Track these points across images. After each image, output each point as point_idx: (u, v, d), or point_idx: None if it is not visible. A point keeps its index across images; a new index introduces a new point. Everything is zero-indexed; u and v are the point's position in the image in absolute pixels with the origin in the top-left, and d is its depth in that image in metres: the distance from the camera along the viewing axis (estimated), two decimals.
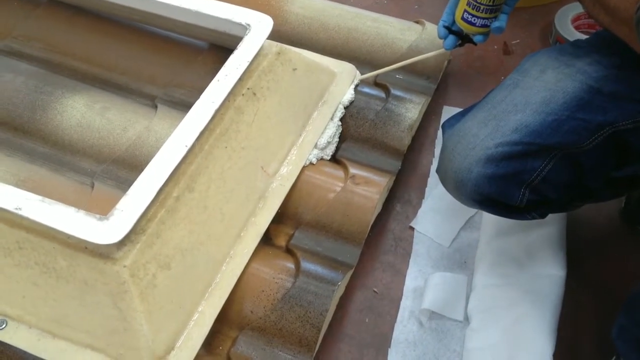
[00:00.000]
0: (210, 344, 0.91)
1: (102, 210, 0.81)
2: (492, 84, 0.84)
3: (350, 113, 1.13)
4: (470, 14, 0.95)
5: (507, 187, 0.83)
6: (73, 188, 1.03)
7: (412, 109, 1.14)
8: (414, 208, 1.14)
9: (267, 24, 1.02)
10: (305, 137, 1.07)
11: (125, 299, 0.80)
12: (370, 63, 1.23)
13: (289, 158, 1.05)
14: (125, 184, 0.90)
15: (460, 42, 1.02)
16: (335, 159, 1.10)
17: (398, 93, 1.17)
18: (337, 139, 1.11)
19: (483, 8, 0.93)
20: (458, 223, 1.11)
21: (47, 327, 0.86)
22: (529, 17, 1.46)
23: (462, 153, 0.84)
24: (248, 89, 0.98)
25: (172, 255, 0.85)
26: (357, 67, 1.18)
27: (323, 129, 1.09)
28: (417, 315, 1.01)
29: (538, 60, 0.88)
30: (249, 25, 1.01)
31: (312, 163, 1.06)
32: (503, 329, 0.95)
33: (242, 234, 0.95)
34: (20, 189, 0.82)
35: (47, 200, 0.81)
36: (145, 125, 1.09)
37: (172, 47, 1.21)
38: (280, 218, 1.02)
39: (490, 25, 0.95)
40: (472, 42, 1.01)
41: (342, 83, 1.14)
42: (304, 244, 0.99)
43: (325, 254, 0.98)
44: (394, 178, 1.11)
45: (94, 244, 0.78)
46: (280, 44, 1.06)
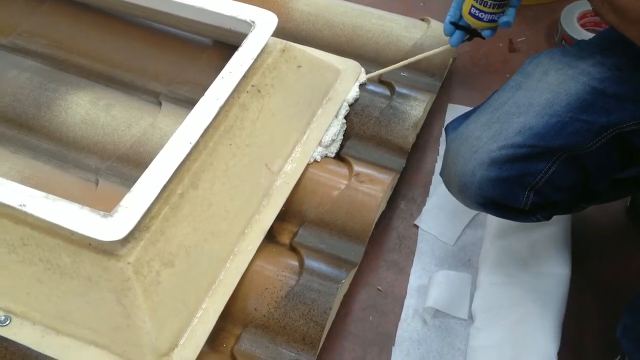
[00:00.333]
0: (214, 341, 0.91)
1: (106, 207, 0.81)
2: (497, 82, 0.84)
3: (355, 111, 1.13)
4: (478, 9, 0.94)
5: (511, 189, 0.83)
6: (77, 185, 1.03)
7: (416, 107, 1.14)
8: (418, 206, 1.14)
9: (271, 21, 1.01)
10: (310, 134, 1.07)
11: (129, 296, 0.80)
12: (375, 61, 1.22)
13: (293, 155, 1.04)
14: (130, 181, 0.90)
15: (468, 37, 1.02)
16: (340, 157, 1.10)
17: (403, 91, 1.16)
18: (341, 137, 1.11)
19: (490, 3, 0.92)
20: (462, 221, 1.11)
21: (51, 323, 0.86)
22: (535, 14, 1.45)
23: (465, 156, 0.84)
24: (252, 86, 0.98)
25: (175, 253, 0.85)
26: (362, 64, 1.18)
27: (327, 127, 1.09)
28: (421, 314, 1.01)
29: (541, 62, 0.88)
30: (254, 23, 1.01)
31: (316, 161, 1.06)
32: (507, 328, 0.94)
33: (246, 232, 0.95)
34: (25, 186, 0.82)
35: (51, 197, 0.81)
36: (150, 122, 1.09)
37: (176, 44, 1.21)
38: (284, 216, 1.02)
39: (498, 20, 0.95)
40: (480, 36, 1.01)
41: (346, 80, 1.14)
42: (308, 242, 0.99)
43: (329, 252, 0.98)
44: (399, 176, 1.11)
45: (98, 241, 0.78)
46: (285, 41, 1.06)
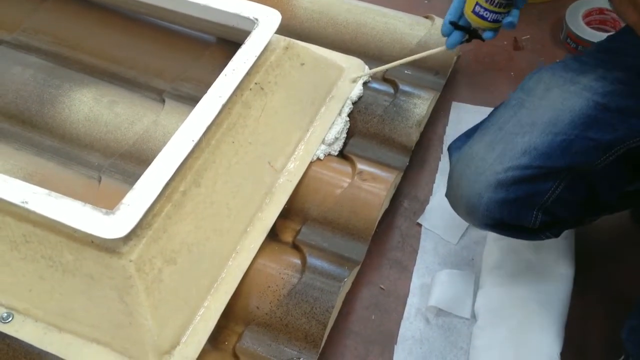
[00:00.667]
0: (216, 339, 0.91)
1: (109, 205, 0.81)
2: (501, 80, 0.83)
3: (358, 108, 1.13)
4: (483, 7, 0.89)
5: (519, 210, 0.82)
6: (80, 182, 1.03)
7: (420, 105, 1.14)
8: (422, 205, 1.14)
9: (275, 19, 1.01)
10: (313, 132, 1.07)
11: (131, 294, 0.80)
12: (379, 58, 1.22)
13: (296, 153, 1.04)
14: (133, 178, 0.90)
15: (467, 37, 0.97)
16: (343, 155, 1.09)
17: (406, 89, 1.16)
18: (344, 135, 1.11)
19: (497, 1, 0.88)
20: None
21: (53, 320, 0.86)
22: (540, 12, 1.45)
23: (471, 178, 0.83)
24: (256, 84, 0.98)
25: (178, 250, 0.84)
26: (365, 62, 1.17)
27: (331, 125, 1.08)
28: (423, 313, 1.00)
29: (542, 78, 0.87)
30: (257, 20, 1.01)
31: (319, 159, 1.06)
32: (510, 327, 0.94)
33: (248, 229, 0.95)
34: (28, 183, 0.82)
35: (53, 194, 0.81)
36: (153, 120, 1.09)
37: (179, 41, 1.21)
38: (287, 214, 1.02)
39: (502, 21, 0.90)
40: (480, 37, 0.96)
41: (350, 78, 1.13)
42: (311, 240, 0.99)
43: (332, 250, 0.98)
44: (402, 174, 1.11)
45: (100, 238, 0.78)
46: (289, 39, 1.06)
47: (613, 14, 1.37)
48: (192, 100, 1.04)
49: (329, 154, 1.08)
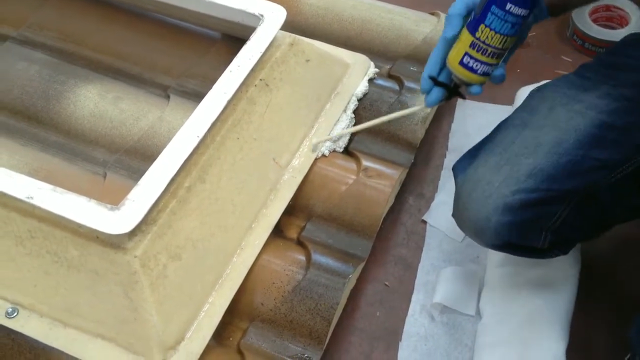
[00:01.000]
0: (221, 335, 0.91)
1: (114, 200, 0.81)
2: (507, 77, 0.82)
3: (364, 105, 1.12)
4: (474, 58, 0.76)
5: (527, 232, 0.82)
6: (85, 178, 1.03)
7: None
8: (427, 201, 1.13)
9: (280, 15, 1.01)
10: (318, 128, 1.06)
11: (136, 289, 0.80)
12: (385, 55, 1.22)
13: (301, 150, 1.04)
14: (138, 174, 0.90)
15: (447, 95, 0.82)
16: (348, 151, 1.09)
17: (412, 85, 1.15)
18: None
19: (491, 51, 0.75)
20: None
21: (58, 316, 0.86)
22: None
23: (478, 201, 0.82)
24: (261, 80, 0.98)
25: (183, 246, 0.84)
26: (371, 58, 1.17)
27: (336, 121, 1.08)
28: (428, 310, 1.00)
29: (545, 96, 0.86)
30: (262, 16, 1.01)
31: (324, 155, 1.06)
32: (515, 325, 0.94)
33: (253, 226, 0.95)
34: (33, 178, 0.83)
35: (59, 190, 0.81)
36: (158, 116, 1.09)
37: (185, 37, 1.21)
38: (292, 210, 1.02)
39: (492, 73, 0.78)
40: (461, 95, 0.82)
41: (355, 75, 1.13)
42: (316, 237, 0.99)
43: (337, 247, 0.98)
44: (407, 171, 1.10)
45: (105, 234, 0.78)
46: (294, 35, 1.05)
47: (620, 11, 1.36)
48: (197, 97, 1.03)
49: (334, 151, 1.07)
